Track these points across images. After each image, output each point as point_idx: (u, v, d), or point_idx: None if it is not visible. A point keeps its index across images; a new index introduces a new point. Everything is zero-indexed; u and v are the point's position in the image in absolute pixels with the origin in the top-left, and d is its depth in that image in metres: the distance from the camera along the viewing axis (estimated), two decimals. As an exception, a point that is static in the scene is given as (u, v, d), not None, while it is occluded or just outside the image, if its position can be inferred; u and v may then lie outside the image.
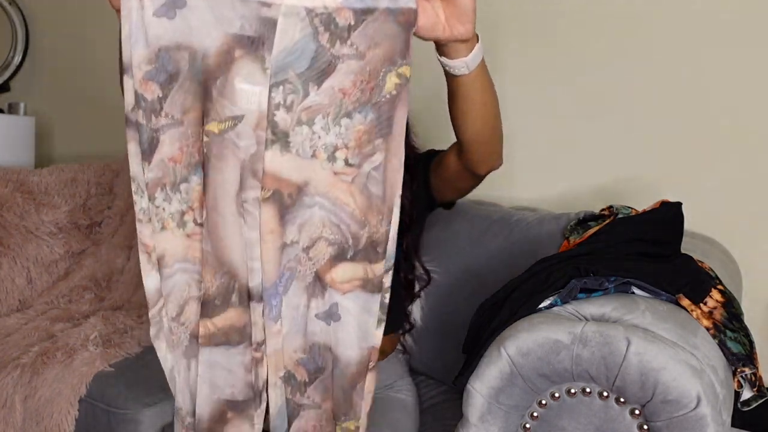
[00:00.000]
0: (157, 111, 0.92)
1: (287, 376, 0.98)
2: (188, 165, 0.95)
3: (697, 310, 1.09)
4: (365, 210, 0.93)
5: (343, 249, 0.95)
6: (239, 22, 0.89)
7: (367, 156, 0.92)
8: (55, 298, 1.89)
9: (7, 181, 1.96)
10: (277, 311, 0.96)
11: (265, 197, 0.93)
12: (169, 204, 0.95)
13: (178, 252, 0.97)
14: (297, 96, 0.91)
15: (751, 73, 1.59)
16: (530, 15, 1.78)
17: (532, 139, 1.80)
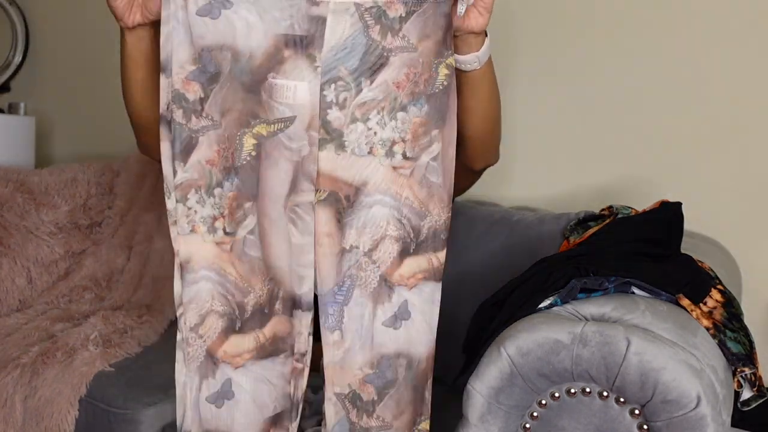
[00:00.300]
0: (198, 112, 0.92)
1: (352, 396, 0.94)
2: (223, 169, 0.93)
3: (697, 310, 1.09)
4: (426, 201, 0.92)
5: (407, 244, 0.93)
6: (287, 21, 0.88)
7: (424, 147, 0.91)
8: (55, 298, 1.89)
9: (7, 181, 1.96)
10: (334, 320, 0.93)
11: (320, 199, 0.92)
12: (202, 207, 0.93)
13: (206, 258, 0.94)
14: (350, 93, 0.90)
15: (752, 73, 1.59)
16: (531, 16, 1.78)
17: (533, 139, 1.80)
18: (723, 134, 1.62)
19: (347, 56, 0.89)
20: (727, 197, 1.62)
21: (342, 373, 0.94)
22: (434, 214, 0.93)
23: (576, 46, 1.74)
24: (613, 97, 1.71)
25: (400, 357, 0.94)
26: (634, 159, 1.70)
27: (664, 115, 1.67)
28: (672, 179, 1.66)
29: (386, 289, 0.93)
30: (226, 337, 0.94)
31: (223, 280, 0.94)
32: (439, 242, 0.93)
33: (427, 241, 0.93)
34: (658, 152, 1.68)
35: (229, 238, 0.94)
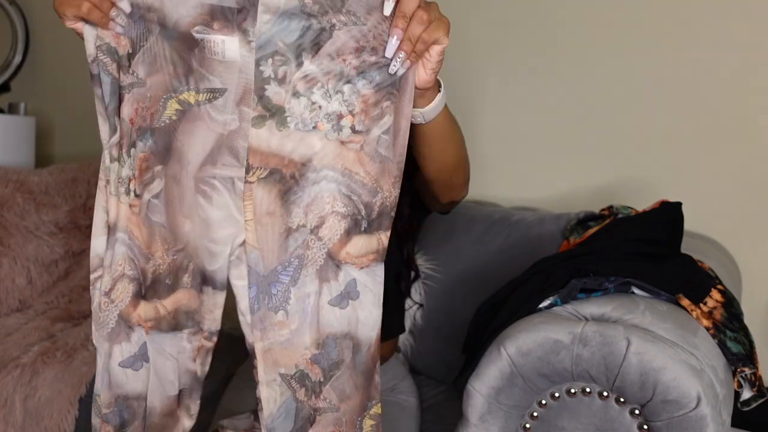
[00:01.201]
0: (126, 67, 0.88)
1: (300, 376, 0.91)
2: (138, 129, 0.89)
3: (697, 310, 1.09)
4: (377, 176, 0.88)
5: (357, 221, 0.89)
6: None
7: (375, 120, 0.87)
8: (55, 298, 1.89)
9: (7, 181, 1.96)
10: (278, 300, 0.90)
11: (260, 177, 0.87)
12: (121, 167, 0.90)
13: (122, 220, 0.91)
14: (289, 67, 0.86)
15: (751, 73, 1.59)
16: (531, 16, 1.78)
17: (533, 139, 1.80)
18: (723, 134, 1.62)
19: (284, 31, 0.84)
20: (727, 197, 1.62)
21: (288, 354, 0.91)
22: (385, 189, 0.88)
23: (576, 46, 1.74)
24: (613, 97, 1.71)
25: (345, 338, 0.91)
26: (634, 159, 1.70)
27: (664, 115, 1.67)
28: (672, 179, 1.66)
29: (333, 267, 0.90)
30: (138, 302, 0.92)
31: (132, 244, 0.91)
32: (387, 220, 0.89)
33: (379, 218, 0.89)
34: (658, 152, 1.68)
35: (137, 200, 0.90)
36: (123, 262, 0.91)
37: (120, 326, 0.92)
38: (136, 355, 0.92)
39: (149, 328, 0.93)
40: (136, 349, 0.92)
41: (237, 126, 0.87)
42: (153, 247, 0.91)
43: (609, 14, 1.71)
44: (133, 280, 0.91)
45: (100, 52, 0.88)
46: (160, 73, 0.88)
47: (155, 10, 0.86)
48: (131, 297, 0.92)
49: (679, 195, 1.35)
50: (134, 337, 0.92)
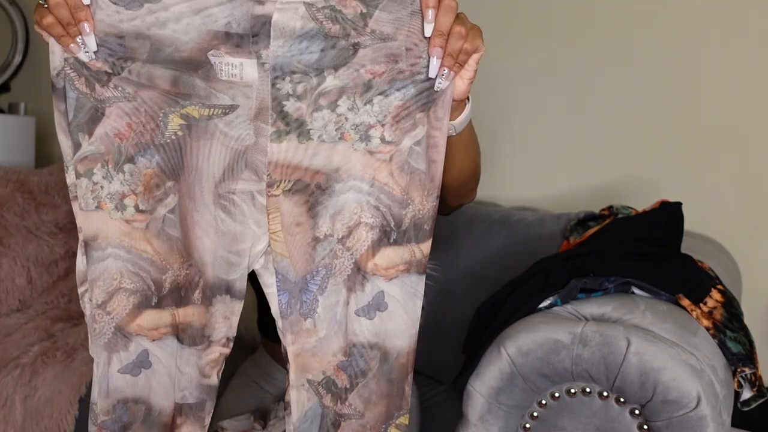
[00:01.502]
0: (104, 81, 0.85)
1: (327, 382, 0.92)
2: (137, 144, 0.87)
3: (697, 310, 1.09)
4: (408, 187, 0.87)
5: (386, 232, 0.88)
6: (225, 20, 0.83)
7: (406, 131, 0.86)
8: (55, 298, 1.89)
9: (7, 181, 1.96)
10: (308, 308, 0.90)
11: (286, 189, 0.87)
12: (109, 183, 0.87)
13: (113, 236, 0.89)
14: (309, 83, 0.85)
15: (751, 73, 1.59)
16: (531, 16, 1.78)
17: (533, 139, 1.80)
18: (723, 134, 1.62)
19: (302, 53, 0.84)
20: (727, 197, 1.62)
21: (315, 360, 0.92)
22: (417, 202, 0.87)
23: (576, 46, 1.74)
24: (613, 97, 1.71)
25: (373, 348, 0.91)
26: (634, 159, 1.70)
27: (664, 116, 1.67)
28: (672, 179, 1.66)
29: (360, 278, 0.90)
30: (140, 312, 0.91)
31: (135, 258, 0.89)
32: (422, 233, 0.88)
33: (410, 231, 0.88)
34: (658, 152, 1.68)
35: (143, 216, 0.89)
36: (119, 276, 0.90)
37: (117, 336, 0.92)
38: (134, 362, 0.92)
39: (163, 334, 0.92)
40: (134, 357, 0.92)
41: (253, 141, 0.86)
42: (171, 258, 0.91)
43: (609, 15, 1.71)
44: (134, 293, 0.91)
45: (67, 66, 0.85)
46: (152, 90, 0.86)
47: (145, 37, 0.84)
48: (131, 308, 0.91)
49: (679, 195, 1.35)
50: (132, 346, 0.92)
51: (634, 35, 1.68)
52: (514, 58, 1.81)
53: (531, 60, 1.79)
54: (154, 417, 0.94)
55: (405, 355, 0.92)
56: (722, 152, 1.62)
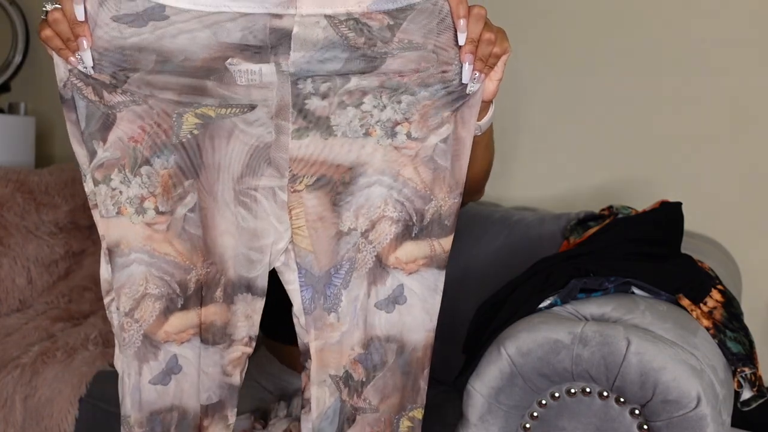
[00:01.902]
0: (111, 87, 0.84)
1: (345, 376, 0.92)
2: (152, 146, 0.86)
3: (697, 310, 1.09)
4: (431, 183, 0.87)
5: (408, 227, 0.88)
6: (240, 33, 0.80)
7: (433, 129, 0.86)
8: (55, 298, 1.89)
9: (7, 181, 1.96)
10: (331, 302, 0.90)
11: (309, 184, 0.87)
12: (127, 188, 0.87)
13: (135, 241, 0.88)
14: (333, 83, 0.84)
15: (751, 73, 1.59)
16: (530, 16, 1.78)
17: (533, 139, 1.80)
18: (723, 134, 1.62)
19: (325, 62, 0.82)
20: (727, 197, 1.62)
21: (337, 354, 0.91)
22: (440, 198, 0.88)
23: (576, 47, 1.74)
24: (613, 97, 1.71)
25: (390, 341, 0.91)
26: (634, 159, 1.70)
27: (664, 116, 1.67)
28: (672, 179, 1.66)
29: (381, 271, 0.89)
30: (166, 318, 0.90)
31: (159, 261, 0.88)
32: (443, 228, 0.89)
33: (431, 225, 0.89)
34: (658, 152, 1.68)
35: (164, 217, 0.88)
36: (144, 282, 0.89)
37: (146, 345, 0.91)
38: (164, 370, 0.92)
39: (190, 335, 0.92)
40: (163, 366, 0.92)
41: (274, 138, 0.86)
42: (194, 258, 0.90)
43: (609, 15, 1.71)
44: (160, 298, 0.90)
45: (72, 76, 0.85)
46: (165, 91, 0.85)
47: (151, 50, 0.82)
48: (157, 314, 0.90)
49: (679, 195, 1.35)
50: (161, 354, 0.91)
51: (634, 35, 1.68)
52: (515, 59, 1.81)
53: (531, 60, 1.79)
54: (187, 421, 0.93)
55: (421, 349, 0.92)
56: (722, 152, 1.62)
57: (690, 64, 1.64)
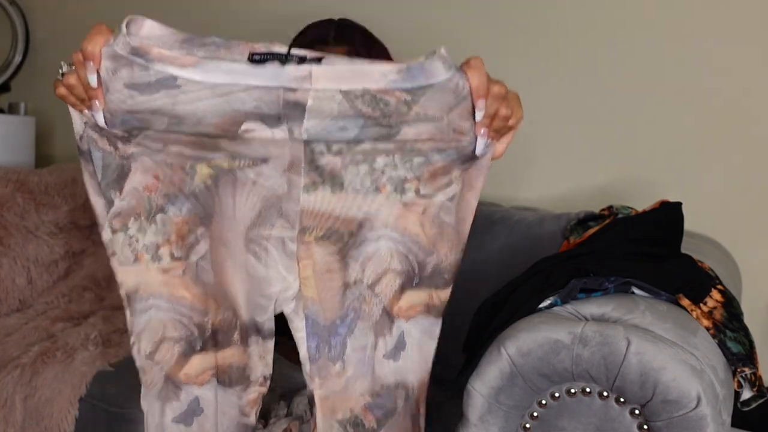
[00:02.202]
0: (126, 139, 0.86)
1: (354, 421, 0.94)
2: (165, 195, 0.88)
3: (697, 310, 1.09)
4: (435, 239, 0.90)
5: (410, 277, 0.91)
6: (254, 103, 0.80)
7: (441, 187, 0.88)
8: (55, 298, 1.89)
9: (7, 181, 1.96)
10: (336, 352, 0.92)
11: (318, 236, 0.89)
12: (143, 235, 0.89)
13: (153, 286, 0.90)
14: (346, 144, 0.84)
15: (751, 73, 1.59)
16: (530, 16, 1.78)
17: (533, 139, 1.80)
18: (723, 134, 1.62)
19: (338, 131, 0.82)
20: (727, 197, 1.62)
21: (344, 399, 0.94)
22: (442, 253, 0.91)
23: (576, 47, 1.74)
24: (613, 97, 1.71)
25: (398, 388, 0.94)
26: (634, 159, 1.70)
27: (664, 116, 1.67)
28: (672, 179, 1.66)
29: (387, 322, 0.92)
30: (186, 360, 0.93)
31: (177, 305, 0.91)
32: (441, 280, 0.92)
33: (432, 276, 0.92)
34: (658, 152, 1.68)
35: (180, 263, 0.90)
36: (162, 327, 0.91)
37: (168, 386, 0.93)
38: (186, 411, 0.94)
39: (209, 377, 0.94)
40: (185, 407, 0.94)
41: (285, 191, 0.87)
42: (209, 302, 0.92)
43: (609, 15, 1.71)
44: (179, 341, 0.92)
45: (88, 128, 0.86)
46: (177, 144, 0.86)
47: (163, 113, 0.82)
48: (177, 356, 0.93)
49: (679, 195, 1.35)
50: (182, 395, 0.94)
51: (634, 35, 1.68)
52: (515, 58, 1.81)
53: (531, 60, 1.79)
54: None
55: (417, 389, 0.96)
56: (722, 152, 1.62)
57: (691, 64, 1.64)
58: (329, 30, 1.35)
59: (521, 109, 0.88)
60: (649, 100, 1.68)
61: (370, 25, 1.42)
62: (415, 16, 1.89)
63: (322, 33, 1.34)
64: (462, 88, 0.83)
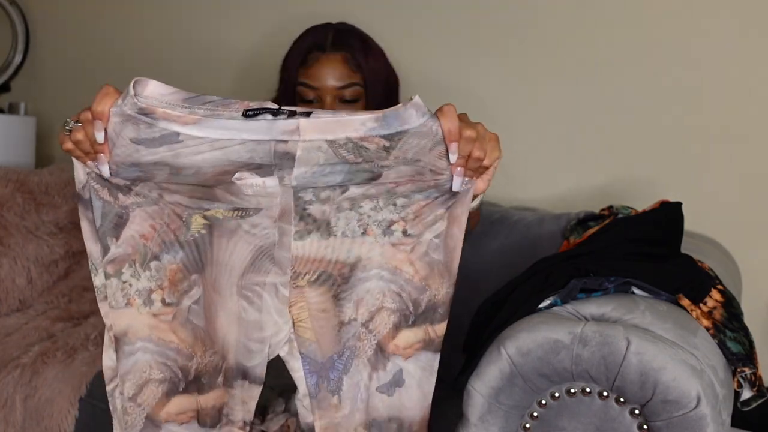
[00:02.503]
0: (126, 190, 0.91)
1: None
2: (161, 243, 0.93)
3: (697, 310, 1.09)
4: (426, 275, 0.94)
5: (405, 316, 0.95)
6: (248, 155, 0.85)
7: (428, 225, 0.93)
8: (55, 298, 1.89)
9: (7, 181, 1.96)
10: (335, 385, 0.97)
11: (311, 280, 0.93)
12: (137, 280, 0.93)
13: (141, 330, 0.94)
14: (333, 192, 0.90)
15: (751, 73, 1.59)
16: (532, 17, 1.78)
17: (533, 139, 1.80)
18: (723, 134, 1.62)
19: (326, 176, 0.88)
20: (727, 197, 1.62)
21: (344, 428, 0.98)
22: (434, 288, 0.95)
23: (576, 46, 1.74)
24: (613, 97, 1.71)
25: (391, 421, 0.97)
26: (634, 159, 1.70)
27: (664, 116, 1.67)
28: (672, 179, 1.66)
29: (381, 358, 0.96)
30: (168, 400, 0.96)
31: (163, 349, 0.95)
32: (437, 315, 0.96)
33: (427, 313, 0.96)
34: (658, 152, 1.68)
35: (170, 308, 0.94)
36: (148, 368, 0.94)
37: (148, 427, 0.96)
38: None
39: (189, 418, 0.97)
40: None
41: (277, 239, 0.92)
42: (195, 347, 0.96)
43: (609, 15, 1.71)
44: (162, 382, 0.95)
45: (90, 179, 0.90)
46: (175, 195, 0.91)
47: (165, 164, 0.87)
48: (160, 397, 0.95)
49: (679, 195, 1.35)
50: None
51: (634, 35, 1.68)
52: (515, 58, 1.81)
53: (531, 60, 1.79)
54: None
55: (417, 424, 0.98)
56: (722, 152, 1.62)
57: (691, 64, 1.64)
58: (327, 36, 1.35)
59: (497, 150, 0.91)
60: (649, 101, 1.68)
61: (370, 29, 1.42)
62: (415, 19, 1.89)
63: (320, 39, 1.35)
64: (435, 132, 0.87)
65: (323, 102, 1.33)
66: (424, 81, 1.85)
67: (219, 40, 2.17)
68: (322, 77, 1.32)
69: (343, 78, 1.32)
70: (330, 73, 1.31)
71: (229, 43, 2.15)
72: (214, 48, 2.18)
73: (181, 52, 2.23)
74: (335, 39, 1.34)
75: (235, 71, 2.15)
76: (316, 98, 1.33)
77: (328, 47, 1.33)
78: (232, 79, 2.15)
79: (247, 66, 2.12)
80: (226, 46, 2.15)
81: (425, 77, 1.86)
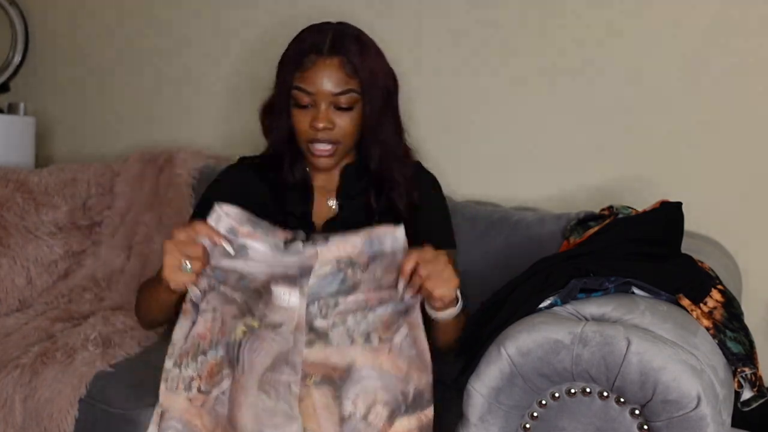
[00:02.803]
0: (199, 298, 1.20)
1: None
2: (210, 342, 1.17)
3: (697, 310, 1.09)
4: (407, 368, 1.13)
5: (398, 406, 1.11)
6: (283, 269, 1.19)
7: (395, 331, 1.16)
8: (55, 298, 1.89)
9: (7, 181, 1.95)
10: None
11: (316, 381, 1.13)
12: (186, 370, 1.17)
13: (176, 410, 1.16)
14: (329, 307, 1.18)
15: (751, 73, 1.59)
16: (530, 16, 1.78)
17: (533, 139, 1.80)
18: (723, 134, 1.62)
19: (329, 284, 1.18)
20: (727, 197, 1.62)
21: None
22: (415, 378, 1.13)
23: (576, 46, 1.74)
24: (613, 97, 1.71)
25: None
26: (634, 159, 1.70)
27: (664, 115, 1.67)
28: (672, 179, 1.66)
29: None
30: None
31: (187, 429, 1.15)
32: (424, 401, 1.13)
33: (415, 401, 1.12)
34: (658, 152, 1.68)
35: (202, 396, 1.15)
36: None
37: None
38: None
39: None
40: None
41: (292, 346, 1.15)
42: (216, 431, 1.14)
43: (608, 15, 1.71)
44: None
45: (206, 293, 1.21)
46: (230, 306, 1.19)
47: (237, 272, 1.20)
48: None
49: (679, 195, 1.35)
50: None
51: (633, 35, 1.68)
52: (515, 59, 1.81)
53: (531, 60, 1.79)
54: None
55: None
56: (722, 152, 1.62)
57: (691, 63, 1.64)
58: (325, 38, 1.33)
59: (444, 288, 1.11)
60: (649, 100, 1.68)
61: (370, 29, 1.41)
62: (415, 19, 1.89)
63: (318, 42, 1.32)
64: (400, 258, 1.16)
65: (318, 107, 1.30)
66: (425, 81, 1.85)
67: (218, 39, 2.17)
68: (318, 82, 1.29)
69: (339, 84, 1.30)
70: (326, 78, 1.29)
71: (228, 42, 2.15)
72: (214, 47, 2.18)
73: (181, 51, 2.23)
74: (333, 42, 1.32)
75: (235, 71, 2.15)
76: (311, 103, 1.31)
77: (326, 51, 1.31)
78: (232, 78, 2.15)
79: (247, 66, 2.12)
80: (226, 45, 2.16)
81: (425, 77, 1.86)
